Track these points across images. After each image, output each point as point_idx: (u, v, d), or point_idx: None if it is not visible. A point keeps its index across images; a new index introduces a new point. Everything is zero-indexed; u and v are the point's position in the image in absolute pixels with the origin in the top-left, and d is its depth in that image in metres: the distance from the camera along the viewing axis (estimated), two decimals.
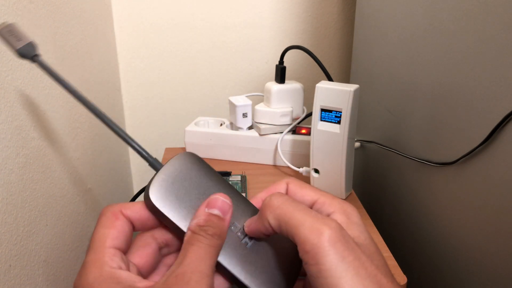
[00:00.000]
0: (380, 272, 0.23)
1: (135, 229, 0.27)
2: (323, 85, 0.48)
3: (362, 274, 0.22)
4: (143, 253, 0.26)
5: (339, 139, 0.48)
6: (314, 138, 0.50)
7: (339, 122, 0.48)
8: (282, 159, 0.59)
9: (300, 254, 0.23)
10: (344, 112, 0.47)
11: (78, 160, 0.58)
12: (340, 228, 0.23)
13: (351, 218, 0.26)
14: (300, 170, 0.56)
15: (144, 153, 0.28)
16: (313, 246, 0.22)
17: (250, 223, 0.26)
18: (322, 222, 0.23)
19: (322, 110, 0.48)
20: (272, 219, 0.24)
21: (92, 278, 0.23)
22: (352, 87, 0.46)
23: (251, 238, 0.27)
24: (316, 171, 0.52)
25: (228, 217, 0.25)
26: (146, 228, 0.27)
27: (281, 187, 0.28)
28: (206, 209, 0.25)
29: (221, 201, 0.25)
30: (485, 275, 0.37)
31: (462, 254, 0.40)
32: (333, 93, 0.47)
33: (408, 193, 0.51)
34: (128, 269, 0.24)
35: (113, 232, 0.24)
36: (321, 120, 0.49)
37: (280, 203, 0.24)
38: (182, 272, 0.22)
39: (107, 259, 0.24)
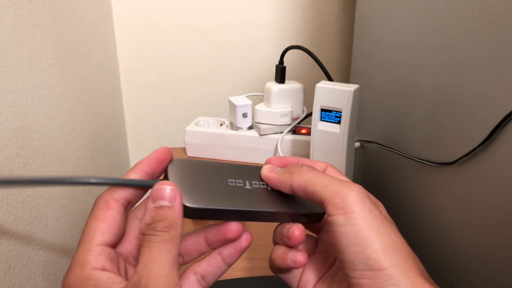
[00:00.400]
0: (399, 234, 0.25)
1: (133, 205, 0.26)
2: (323, 85, 0.48)
3: (387, 225, 0.24)
4: (131, 237, 0.26)
5: (339, 139, 0.48)
6: (314, 138, 0.50)
7: (339, 122, 0.48)
8: None
9: (328, 208, 0.24)
10: (344, 112, 0.47)
11: (78, 160, 0.58)
12: (366, 191, 0.25)
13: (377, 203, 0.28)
14: None
15: (145, 183, 0.26)
16: (343, 198, 0.24)
17: (269, 174, 0.28)
18: (350, 183, 0.25)
19: (322, 110, 0.48)
20: (295, 182, 0.26)
21: (73, 278, 0.23)
22: (352, 87, 0.46)
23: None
24: None
25: (177, 202, 0.23)
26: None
27: (319, 165, 0.30)
28: (151, 204, 0.23)
29: (163, 189, 0.23)
30: (485, 274, 0.37)
31: (462, 253, 0.40)
32: (333, 93, 0.47)
33: (408, 193, 0.51)
34: (117, 266, 0.24)
35: (103, 226, 0.23)
36: (321, 120, 0.49)
37: (308, 171, 0.26)
38: (137, 279, 0.21)
39: (91, 258, 0.23)
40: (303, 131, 0.61)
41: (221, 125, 0.66)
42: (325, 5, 0.80)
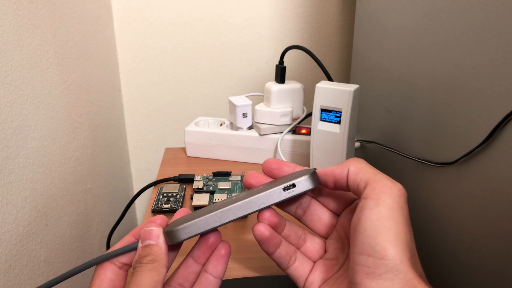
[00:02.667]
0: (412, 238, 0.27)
1: (129, 264, 0.29)
2: (323, 85, 0.48)
3: (409, 226, 0.26)
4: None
5: (339, 139, 0.48)
6: (314, 138, 0.50)
7: (339, 122, 0.48)
8: (282, 159, 0.59)
9: (366, 191, 0.26)
10: (344, 112, 0.47)
11: (78, 160, 0.58)
12: (406, 193, 0.27)
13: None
14: None
15: (128, 248, 0.28)
16: (384, 186, 0.26)
17: (325, 169, 0.30)
18: (397, 183, 0.27)
19: (322, 110, 0.48)
20: (353, 167, 0.28)
21: None
22: (352, 87, 0.46)
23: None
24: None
25: (161, 240, 0.27)
26: None
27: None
28: (141, 244, 0.27)
29: (149, 230, 0.27)
30: (485, 274, 0.37)
31: (462, 253, 0.40)
32: (333, 93, 0.47)
33: (408, 193, 0.51)
34: None
35: (97, 283, 0.27)
36: (321, 120, 0.49)
37: (366, 163, 0.29)
38: None
39: None
40: (303, 131, 0.61)
41: (221, 125, 0.66)
42: (325, 5, 0.80)
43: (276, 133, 0.61)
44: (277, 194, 0.28)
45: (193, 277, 0.30)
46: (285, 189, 0.29)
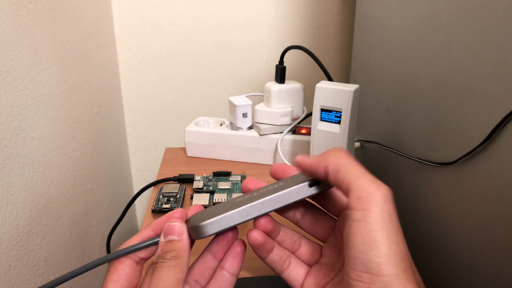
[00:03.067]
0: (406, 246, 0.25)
1: (146, 259, 0.29)
2: (323, 85, 0.48)
3: (399, 233, 0.24)
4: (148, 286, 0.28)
5: (339, 139, 0.48)
6: (314, 138, 0.50)
7: (339, 122, 0.48)
8: (282, 159, 0.59)
9: (350, 200, 0.25)
10: (344, 112, 0.47)
11: (78, 160, 0.58)
12: (392, 196, 0.26)
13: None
14: None
15: (149, 242, 0.28)
16: (368, 194, 0.24)
17: (303, 158, 0.28)
18: (380, 183, 0.25)
19: (322, 110, 0.48)
20: (332, 164, 0.26)
21: None
22: (352, 87, 0.46)
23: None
24: None
25: (184, 236, 0.27)
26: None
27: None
28: (163, 239, 0.27)
29: (172, 225, 0.27)
30: (485, 274, 0.37)
31: (462, 253, 0.40)
32: (333, 93, 0.47)
33: (408, 193, 0.51)
34: None
35: (114, 277, 0.27)
36: (321, 120, 0.49)
37: (346, 156, 0.27)
38: None
39: None
40: (303, 131, 0.61)
41: (221, 125, 0.66)
42: (325, 5, 0.80)
43: (276, 133, 0.61)
44: (304, 190, 0.28)
45: (210, 273, 0.30)
46: (310, 185, 0.28)
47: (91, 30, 0.65)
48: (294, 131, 0.62)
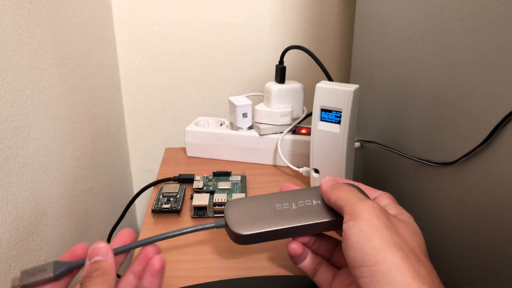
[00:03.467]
0: (412, 243, 0.28)
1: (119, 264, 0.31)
2: (323, 85, 0.48)
3: (392, 230, 0.27)
4: None
5: (339, 139, 0.48)
6: (314, 138, 0.50)
7: (339, 122, 0.48)
8: (282, 159, 0.59)
9: (345, 217, 0.29)
10: (344, 112, 0.47)
11: (78, 160, 0.58)
12: (381, 207, 0.29)
13: (395, 202, 0.34)
14: (300, 170, 0.56)
15: (210, 225, 0.34)
16: (356, 207, 0.28)
17: (326, 188, 0.33)
18: (368, 200, 0.29)
19: (322, 110, 0.48)
20: (333, 197, 0.32)
21: None
22: (352, 87, 0.46)
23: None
24: (316, 171, 0.52)
25: (109, 256, 0.28)
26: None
27: (374, 194, 0.35)
28: (88, 262, 0.28)
29: (97, 248, 0.29)
30: (486, 274, 0.37)
31: (462, 254, 0.40)
32: (333, 93, 0.47)
33: (408, 193, 0.51)
34: None
35: None
36: (321, 120, 0.49)
37: (345, 189, 0.32)
38: None
39: None
40: (303, 131, 0.61)
41: (221, 125, 0.66)
42: (325, 5, 0.80)
43: (276, 133, 0.61)
44: (338, 223, 0.33)
45: None
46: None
47: (91, 30, 0.65)
48: (294, 131, 0.62)
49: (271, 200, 0.35)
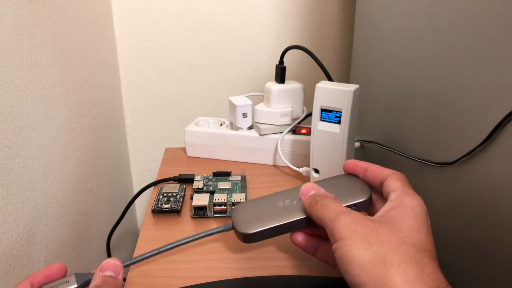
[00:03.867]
0: (395, 242, 0.27)
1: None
2: (323, 85, 0.48)
3: (372, 237, 0.27)
4: None
5: (339, 139, 0.48)
6: (314, 138, 0.50)
7: (339, 122, 0.48)
8: (282, 159, 0.59)
9: (329, 234, 0.29)
10: (344, 112, 0.47)
11: (78, 160, 0.58)
12: (358, 218, 0.29)
13: (405, 185, 0.33)
14: (300, 170, 0.56)
15: (219, 229, 0.37)
16: (334, 227, 0.29)
17: (305, 205, 0.34)
18: (343, 213, 0.29)
19: (322, 110, 0.48)
20: (314, 217, 0.32)
21: None
22: (352, 87, 0.46)
23: None
24: (316, 171, 0.52)
25: (120, 276, 0.30)
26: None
27: (386, 173, 0.35)
28: (100, 273, 0.30)
29: (112, 264, 0.30)
30: (485, 275, 0.37)
31: (462, 254, 0.40)
32: (333, 93, 0.47)
33: None
34: None
35: None
36: (321, 120, 0.49)
37: (321, 208, 0.32)
38: None
39: None
40: (303, 131, 0.61)
41: (221, 125, 0.66)
42: (325, 5, 0.80)
43: (276, 133, 0.61)
44: None
45: None
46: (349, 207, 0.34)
47: (91, 30, 0.65)
48: (294, 131, 0.62)
49: (274, 199, 0.37)
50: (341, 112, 0.47)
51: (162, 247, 0.35)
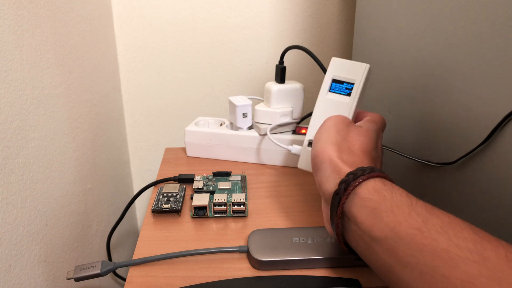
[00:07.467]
0: (353, 141, 0.37)
1: None
2: (339, 58, 0.48)
3: (338, 138, 0.37)
4: None
5: (346, 110, 0.47)
6: (319, 107, 0.49)
7: (349, 95, 0.47)
8: (282, 159, 0.59)
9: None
10: (357, 85, 0.46)
11: (78, 160, 0.58)
12: (345, 119, 0.40)
13: (376, 121, 0.42)
14: (289, 147, 0.54)
15: (234, 249, 0.39)
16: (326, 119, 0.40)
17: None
18: (339, 115, 0.41)
19: (334, 81, 0.48)
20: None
21: None
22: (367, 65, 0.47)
23: None
24: (311, 144, 0.51)
25: None
26: None
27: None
28: None
29: None
30: None
31: None
32: (349, 65, 0.47)
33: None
34: None
35: None
36: (330, 91, 0.48)
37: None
38: None
39: None
40: (303, 131, 0.61)
41: (221, 125, 0.66)
42: (325, 5, 0.80)
43: (276, 133, 0.61)
44: (350, 260, 0.38)
45: None
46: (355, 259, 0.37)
47: (91, 30, 0.65)
48: (294, 131, 0.62)
49: (290, 233, 0.40)
50: (353, 84, 0.47)
51: (181, 252, 0.39)
